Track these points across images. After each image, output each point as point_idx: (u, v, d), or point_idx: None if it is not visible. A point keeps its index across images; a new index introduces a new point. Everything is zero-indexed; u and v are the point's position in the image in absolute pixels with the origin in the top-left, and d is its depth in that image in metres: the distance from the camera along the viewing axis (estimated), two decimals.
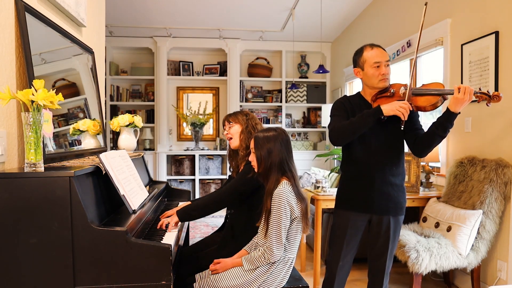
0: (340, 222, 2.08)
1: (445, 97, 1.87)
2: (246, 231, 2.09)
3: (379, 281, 2.07)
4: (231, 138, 2.24)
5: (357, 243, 2.10)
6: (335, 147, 5.58)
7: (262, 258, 1.80)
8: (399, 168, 2.04)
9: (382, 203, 2.00)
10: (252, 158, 1.90)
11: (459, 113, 1.81)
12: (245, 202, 2.13)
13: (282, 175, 1.85)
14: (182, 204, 2.36)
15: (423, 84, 1.96)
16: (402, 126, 1.92)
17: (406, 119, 1.84)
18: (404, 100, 1.89)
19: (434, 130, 1.87)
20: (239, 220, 2.16)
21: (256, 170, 1.90)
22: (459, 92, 1.76)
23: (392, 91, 1.95)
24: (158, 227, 1.99)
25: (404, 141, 2.06)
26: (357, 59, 2.05)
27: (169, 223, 1.99)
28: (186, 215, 2.04)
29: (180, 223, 2.06)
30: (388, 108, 1.85)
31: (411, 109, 1.86)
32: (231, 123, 2.23)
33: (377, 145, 2.00)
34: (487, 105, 1.83)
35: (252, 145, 1.91)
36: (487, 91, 1.82)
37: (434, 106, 1.86)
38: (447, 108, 1.82)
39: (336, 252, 2.09)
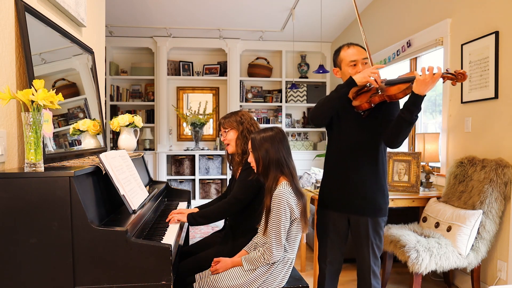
0: (322, 221, 2.10)
1: (414, 82, 1.81)
2: (246, 232, 2.10)
3: (367, 282, 2.03)
4: (228, 144, 2.26)
5: (344, 240, 2.10)
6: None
7: (262, 259, 1.80)
8: (378, 168, 1.99)
9: (358, 204, 1.98)
10: (251, 159, 1.91)
11: (425, 95, 1.76)
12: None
13: (280, 172, 1.86)
14: (181, 205, 2.37)
15: (399, 76, 1.94)
16: (362, 113, 1.94)
17: (379, 84, 1.81)
18: (378, 93, 1.88)
19: (400, 114, 1.81)
20: (239, 221, 2.16)
21: (255, 170, 1.91)
22: (421, 73, 1.72)
23: (369, 85, 1.94)
24: (167, 220, 2.12)
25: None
26: (335, 59, 2.07)
27: (178, 220, 2.11)
28: (193, 221, 2.11)
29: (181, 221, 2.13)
30: (361, 76, 1.83)
31: (383, 66, 1.85)
32: (226, 129, 2.23)
33: (354, 143, 1.99)
34: (453, 84, 1.78)
35: (249, 146, 1.92)
36: (454, 71, 1.76)
37: (404, 93, 1.83)
38: (412, 91, 1.77)
39: (322, 249, 2.13)
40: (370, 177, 1.98)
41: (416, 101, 1.76)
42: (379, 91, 1.88)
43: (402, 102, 1.91)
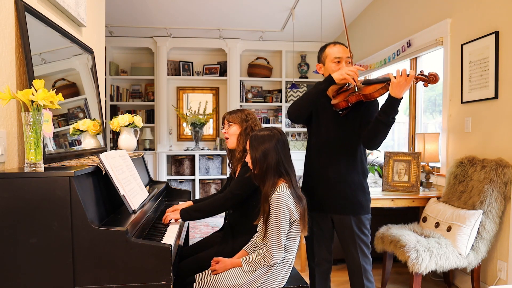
0: None
1: (389, 83, 1.84)
2: (245, 231, 2.09)
3: (358, 281, 2.02)
4: (228, 138, 2.25)
5: (330, 240, 2.10)
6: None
7: (262, 262, 1.79)
8: (356, 166, 2.01)
9: (339, 202, 1.99)
10: (248, 159, 1.89)
11: (401, 98, 1.79)
12: (243, 202, 2.13)
13: (279, 177, 1.83)
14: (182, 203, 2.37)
15: (377, 77, 1.97)
16: (341, 112, 1.97)
17: (357, 83, 1.86)
18: (355, 92, 1.91)
19: (377, 116, 1.84)
20: (238, 220, 2.16)
21: (252, 170, 1.89)
22: (395, 76, 1.76)
23: (348, 85, 1.97)
24: (162, 221, 2.10)
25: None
26: (320, 55, 2.09)
27: (173, 218, 2.10)
28: (187, 215, 2.09)
29: (180, 221, 2.13)
30: (338, 74, 1.87)
31: (362, 69, 1.90)
32: (230, 123, 2.23)
33: (332, 142, 2.00)
34: (425, 86, 1.80)
35: (247, 146, 1.90)
36: (428, 73, 1.79)
37: (379, 93, 1.86)
38: (388, 94, 1.81)
39: (309, 250, 2.14)
40: (349, 175, 1.99)
41: (392, 104, 1.79)
42: (357, 90, 1.91)
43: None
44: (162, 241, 1.79)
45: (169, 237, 1.86)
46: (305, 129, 6.18)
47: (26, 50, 1.71)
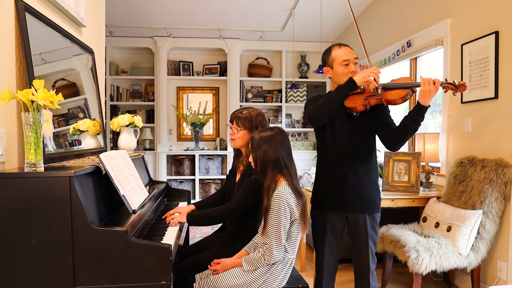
0: (319, 222, 2.11)
1: (413, 90, 1.91)
2: (246, 232, 2.09)
3: (365, 281, 2.07)
4: (233, 139, 2.22)
5: (340, 240, 2.12)
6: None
7: (262, 260, 1.80)
8: (372, 165, 2.07)
9: (356, 201, 2.02)
10: (251, 158, 1.93)
11: (429, 106, 1.87)
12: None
13: (278, 172, 1.86)
14: (181, 205, 2.36)
15: (392, 80, 2.00)
16: (355, 114, 2.00)
17: (378, 84, 1.88)
18: (375, 96, 1.93)
19: (406, 123, 1.91)
20: (239, 221, 2.16)
21: (255, 170, 1.92)
22: (425, 85, 1.81)
23: (362, 87, 1.98)
24: (167, 222, 2.08)
25: (377, 136, 2.10)
26: (326, 59, 2.10)
27: (179, 222, 2.07)
28: (193, 220, 2.08)
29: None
30: (360, 77, 1.88)
31: (380, 72, 1.91)
32: (239, 128, 2.18)
33: (349, 142, 2.03)
34: (454, 94, 1.87)
35: (249, 145, 1.93)
36: (453, 81, 1.86)
37: (404, 99, 1.89)
38: (417, 102, 1.87)
39: (320, 251, 2.14)
40: (365, 174, 2.04)
41: (422, 112, 1.87)
42: (378, 91, 1.91)
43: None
44: (162, 241, 1.79)
45: (169, 237, 1.86)
46: (305, 129, 6.19)
47: (26, 50, 1.71)
